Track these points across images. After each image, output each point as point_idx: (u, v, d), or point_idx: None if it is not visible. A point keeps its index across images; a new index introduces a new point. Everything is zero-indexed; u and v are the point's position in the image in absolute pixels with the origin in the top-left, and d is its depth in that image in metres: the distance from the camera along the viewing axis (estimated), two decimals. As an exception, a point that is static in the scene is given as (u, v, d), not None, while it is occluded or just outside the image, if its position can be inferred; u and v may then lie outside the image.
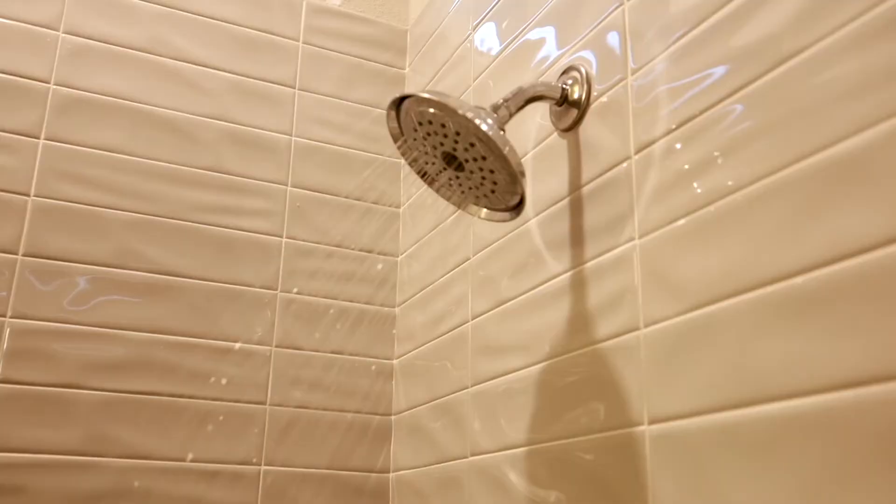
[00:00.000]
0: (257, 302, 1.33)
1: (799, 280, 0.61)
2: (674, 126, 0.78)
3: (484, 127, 0.79)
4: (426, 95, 0.81)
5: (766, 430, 0.62)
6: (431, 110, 0.83)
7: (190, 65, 1.39)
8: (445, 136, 0.84)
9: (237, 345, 1.30)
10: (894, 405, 0.52)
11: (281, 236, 1.38)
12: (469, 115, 0.79)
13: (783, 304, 0.62)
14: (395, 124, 0.91)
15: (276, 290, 1.35)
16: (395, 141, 0.92)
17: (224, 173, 1.36)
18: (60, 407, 1.16)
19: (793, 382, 0.60)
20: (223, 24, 1.43)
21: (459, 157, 0.85)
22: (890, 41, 0.57)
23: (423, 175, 0.94)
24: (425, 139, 0.87)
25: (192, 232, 1.31)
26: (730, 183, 0.70)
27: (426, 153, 0.89)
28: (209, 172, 1.35)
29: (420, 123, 0.86)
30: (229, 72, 1.42)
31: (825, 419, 0.57)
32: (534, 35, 1.09)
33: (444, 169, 0.89)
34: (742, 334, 0.66)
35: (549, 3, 1.06)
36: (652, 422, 0.75)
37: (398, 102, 0.87)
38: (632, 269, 0.81)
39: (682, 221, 0.75)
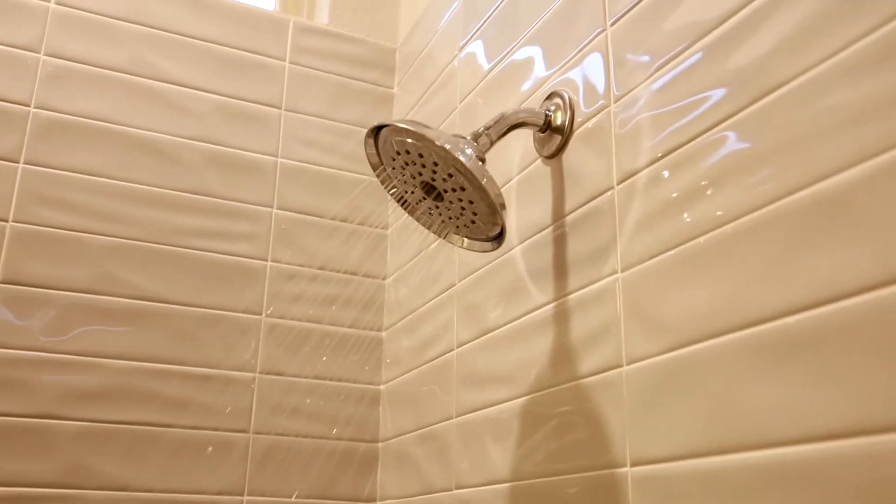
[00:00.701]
0: (241, 327, 1.31)
1: (784, 322, 0.59)
2: (659, 155, 0.76)
3: (462, 158, 0.77)
4: (403, 125, 0.79)
5: (749, 479, 0.60)
6: (409, 140, 0.81)
7: (173, 86, 1.37)
8: (424, 165, 0.82)
9: (220, 371, 1.27)
10: (878, 459, 0.50)
11: (266, 259, 1.36)
12: (447, 146, 0.77)
13: (768, 347, 0.60)
14: (373, 151, 0.89)
15: (261, 314, 1.33)
16: (374, 170, 0.90)
17: (208, 196, 1.34)
18: (38, 438, 1.14)
19: (776, 430, 0.58)
20: (207, 44, 1.41)
21: (438, 187, 0.83)
22: (887, 71, 0.55)
23: (403, 203, 0.91)
24: (404, 168, 0.85)
25: (174, 256, 1.29)
26: (719, 213, 0.68)
27: (405, 182, 0.87)
28: (193, 195, 1.33)
29: (398, 153, 0.84)
30: (214, 93, 1.40)
31: (808, 470, 0.55)
32: (521, 55, 1.07)
33: (424, 198, 0.87)
34: (726, 377, 0.64)
35: (536, 23, 1.04)
36: (634, 464, 0.72)
37: (376, 131, 0.85)
38: (614, 304, 0.79)
39: (664, 256, 0.73)
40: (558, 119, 0.93)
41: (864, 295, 0.53)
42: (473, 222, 0.85)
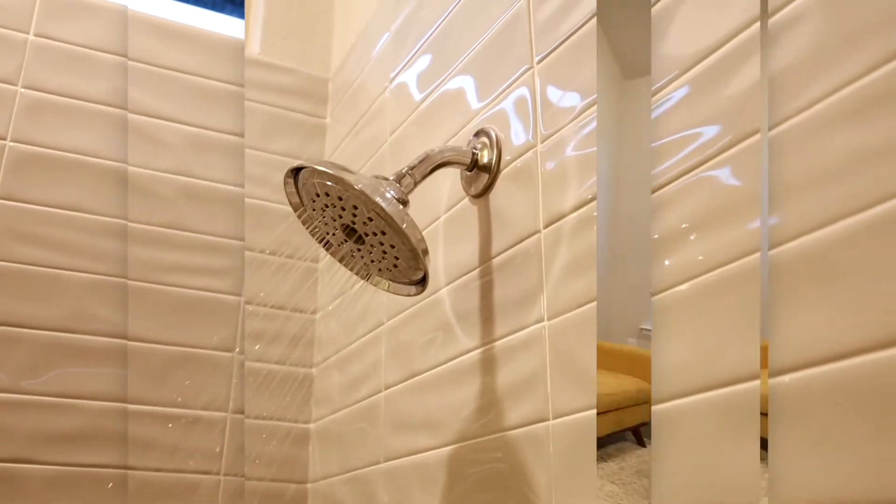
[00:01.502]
0: (215, 364, 1.26)
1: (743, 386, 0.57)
2: (589, 197, 0.74)
3: (381, 202, 0.74)
4: (321, 168, 0.76)
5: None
6: (328, 182, 0.77)
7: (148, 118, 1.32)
8: (344, 208, 0.78)
9: (190, 411, 1.22)
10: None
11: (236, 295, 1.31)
12: (366, 190, 0.74)
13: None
14: (293, 191, 0.85)
15: (233, 351, 1.29)
16: (295, 210, 0.86)
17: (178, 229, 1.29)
18: (7, 484, 1.08)
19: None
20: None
21: (359, 230, 0.80)
22: (883, 117, 0.53)
23: (325, 244, 0.88)
24: (325, 210, 0.81)
25: (152, 293, 1.24)
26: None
27: (326, 223, 0.83)
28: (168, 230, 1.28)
29: (318, 194, 0.80)
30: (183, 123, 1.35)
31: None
32: (452, 85, 1.04)
33: (346, 240, 0.83)
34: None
35: (467, 55, 1.02)
36: (560, 523, 0.69)
37: (295, 172, 0.82)
38: (542, 354, 0.76)
39: (589, 305, 0.70)
40: (485, 157, 0.90)
41: (837, 362, 0.51)
42: (396, 266, 0.82)
